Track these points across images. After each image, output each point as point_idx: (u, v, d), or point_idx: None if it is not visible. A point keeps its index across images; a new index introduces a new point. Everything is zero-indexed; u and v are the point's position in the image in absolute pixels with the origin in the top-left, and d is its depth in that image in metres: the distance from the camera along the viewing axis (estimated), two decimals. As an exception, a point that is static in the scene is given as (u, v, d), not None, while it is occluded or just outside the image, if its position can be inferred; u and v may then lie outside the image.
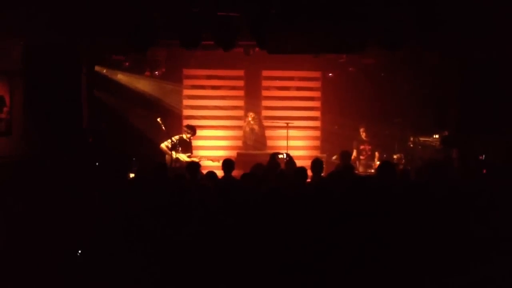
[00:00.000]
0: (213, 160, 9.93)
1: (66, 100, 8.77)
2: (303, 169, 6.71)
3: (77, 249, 4.28)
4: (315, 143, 11.84)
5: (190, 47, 8.34)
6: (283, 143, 10.59)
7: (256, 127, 11.24)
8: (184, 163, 9.48)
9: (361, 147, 10.60)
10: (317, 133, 11.91)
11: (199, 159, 9.75)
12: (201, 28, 7.97)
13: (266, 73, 11.83)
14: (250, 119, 11.22)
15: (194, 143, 10.63)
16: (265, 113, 11.77)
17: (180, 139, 9.95)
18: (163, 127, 9.79)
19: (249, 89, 11.80)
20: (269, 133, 11.45)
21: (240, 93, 11.84)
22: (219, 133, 11.72)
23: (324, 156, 10.32)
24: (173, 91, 11.50)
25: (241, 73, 11.75)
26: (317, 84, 11.93)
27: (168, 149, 9.80)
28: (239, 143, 11.43)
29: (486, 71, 8.86)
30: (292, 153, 9.21)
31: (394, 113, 11.12)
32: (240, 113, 11.77)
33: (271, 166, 7.56)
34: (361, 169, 10.22)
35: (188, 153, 10.01)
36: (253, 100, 11.77)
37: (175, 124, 10.93)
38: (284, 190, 5.07)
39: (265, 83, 11.90)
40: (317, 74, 11.85)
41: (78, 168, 7.75)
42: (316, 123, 11.94)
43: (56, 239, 4.31)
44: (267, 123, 11.49)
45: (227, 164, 7.23)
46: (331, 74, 11.67)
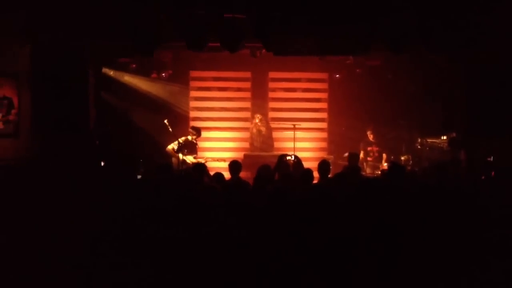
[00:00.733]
0: (218, 160, 9.94)
1: (73, 102, 8.80)
2: (309, 171, 6.70)
3: (83, 251, 4.28)
4: (322, 145, 11.82)
5: (196, 49, 8.35)
6: (290, 145, 10.57)
7: (263, 129, 11.23)
8: (191, 164, 9.49)
9: (368, 149, 10.58)
10: (324, 135, 11.89)
11: (205, 160, 9.76)
12: (207, 30, 7.99)
13: (272, 75, 11.83)
14: (257, 121, 11.22)
15: (201, 144, 10.65)
16: (272, 114, 11.77)
17: (185, 141, 9.96)
18: (170, 129, 9.81)
19: (255, 91, 11.80)
20: (275, 134, 11.44)
21: (247, 95, 11.84)
22: (226, 135, 11.73)
23: (331, 157, 10.31)
24: (180, 93, 11.52)
25: (247, 74, 11.75)
26: (324, 85, 11.91)
27: (174, 152, 9.82)
28: (246, 145, 11.43)
29: (493, 73, 8.82)
30: (299, 155, 9.19)
31: (401, 115, 11.10)
32: (247, 114, 11.78)
33: (280, 167, 7.56)
34: (368, 171, 10.21)
35: (193, 154, 10.02)
36: (259, 101, 11.77)
37: (182, 126, 10.94)
38: (290, 191, 5.06)
39: (272, 85, 11.90)
40: (324, 75, 11.83)
41: (85, 170, 7.77)
42: (323, 125, 11.92)
43: (62, 241, 4.33)
44: (274, 125, 11.49)
45: (234, 165, 7.22)
46: (338, 75, 11.65)
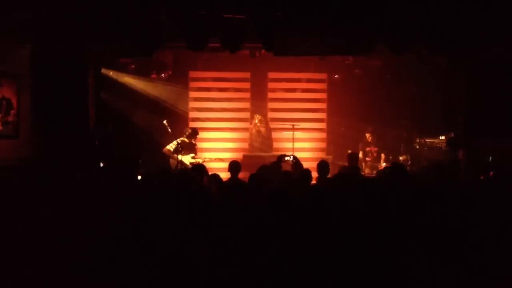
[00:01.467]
0: (216, 160, 9.95)
1: (72, 102, 8.81)
2: (307, 171, 6.71)
3: (83, 251, 4.29)
4: (321, 145, 11.83)
5: (196, 49, 8.36)
6: (289, 145, 10.59)
7: (262, 129, 11.24)
8: (188, 165, 9.49)
9: (367, 149, 10.61)
10: (323, 135, 11.90)
11: (203, 160, 9.77)
12: (207, 30, 8.00)
13: (272, 75, 11.84)
14: (256, 121, 11.24)
15: (200, 145, 10.65)
16: (271, 115, 11.78)
17: (182, 142, 9.94)
18: (169, 130, 9.82)
19: (255, 91, 11.80)
20: (275, 135, 11.46)
21: (246, 95, 11.85)
22: (225, 135, 11.74)
23: (330, 158, 10.32)
24: (180, 94, 11.53)
25: (247, 75, 11.76)
26: (323, 86, 11.92)
27: (171, 153, 9.81)
28: (245, 145, 11.44)
29: (493, 73, 8.83)
30: (298, 155, 9.19)
31: (400, 115, 11.12)
32: (246, 115, 11.79)
33: (274, 168, 7.55)
34: (367, 171, 10.24)
35: (192, 155, 10.02)
36: (259, 102, 11.77)
37: (181, 126, 10.94)
38: (288, 191, 5.07)
39: (271, 85, 11.90)
40: (323, 76, 11.84)
41: (84, 170, 7.77)
42: (322, 125, 11.93)
43: (62, 241, 4.33)
44: (273, 125, 11.50)
45: (234, 166, 7.23)
46: (337, 76, 11.68)
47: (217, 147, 11.46)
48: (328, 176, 7.26)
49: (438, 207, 4.80)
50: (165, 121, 9.86)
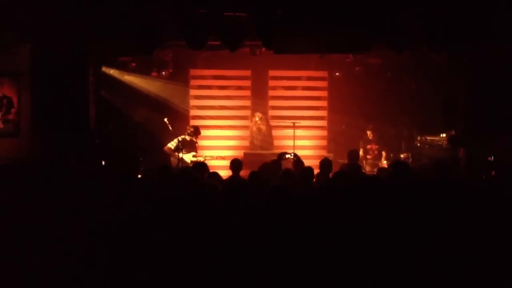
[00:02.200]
0: (217, 158, 9.94)
1: (73, 101, 8.80)
2: (309, 169, 6.70)
3: (84, 250, 4.29)
4: (322, 143, 11.83)
5: (196, 47, 8.35)
6: (289, 143, 10.59)
7: (263, 127, 11.24)
8: (189, 163, 9.49)
9: (368, 147, 10.61)
10: (323, 133, 11.90)
11: (204, 158, 9.77)
12: (207, 28, 7.99)
13: (272, 73, 11.82)
14: (257, 119, 11.23)
15: (201, 143, 10.65)
16: (272, 112, 11.77)
17: (183, 140, 9.94)
18: (170, 128, 9.82)
19: (255, 89, 11.80)
20: (275, 132, 11.45)
21: (246, 93, 11.84)
22: (226, 133, 11.72)
23: (331, 155, 10.31)
24: (180, 92, 11.52)
25: (247, 73, 11.75)
26: (323, 83, 11.91)
27: (172, 151, 9.82)
28: (246, 143, 11.44)
29: (493, 71, 8.82)
30: (298, 153, 9.21)
31: (401, 112, 11.11)
32: (246, 113, 11.78)
33: (274, 166, 7.55)
34: (368, 169, 10.23)
35: (193, 153, 10.02)
36: (259, 100, 11.77)
37: (182, 124, 10.94)
38: (290, 188, 5.07)
39: (272, 83, 11.89)
40: (324, 73, 11.83)
41: (85, 169, 7.77)
42: (322, 123, 11.92)
43: (62, 240, 4.34)
44: (274, 123, 11.49)
45: (235, 163, 7.23)
46: (337, 73, 11.66)
47: (217, 145, 11.45)
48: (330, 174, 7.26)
49: (439, 205, 4.80)
50: (165, 119, 9.85)
